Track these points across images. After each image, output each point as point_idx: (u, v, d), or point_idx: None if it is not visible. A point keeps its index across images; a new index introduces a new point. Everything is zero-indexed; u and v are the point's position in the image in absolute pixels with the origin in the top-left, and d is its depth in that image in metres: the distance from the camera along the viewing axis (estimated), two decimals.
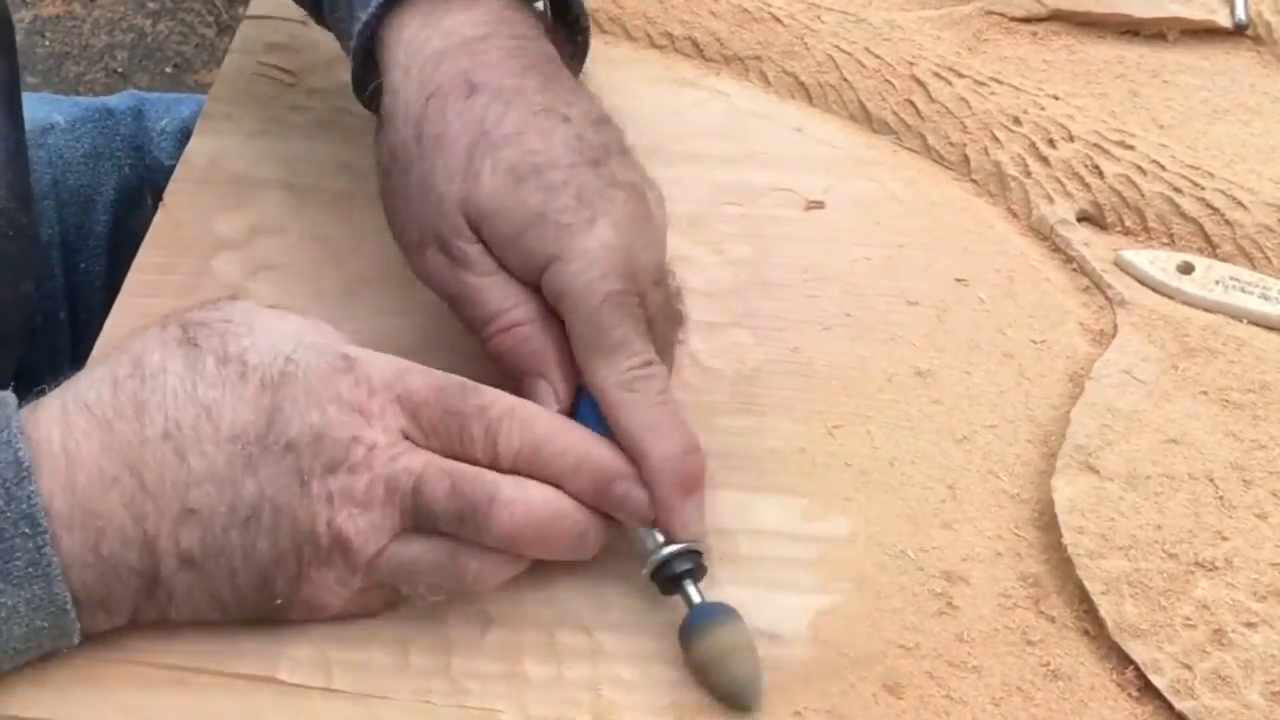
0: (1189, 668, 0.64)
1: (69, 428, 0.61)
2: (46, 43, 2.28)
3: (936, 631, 0.66)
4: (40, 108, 1.02)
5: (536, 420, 0.63)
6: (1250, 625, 0.65)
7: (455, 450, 0.63)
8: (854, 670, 0.64)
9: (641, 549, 0.65)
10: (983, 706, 0.63)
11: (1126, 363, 0.74)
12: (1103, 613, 0.65)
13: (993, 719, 0.63)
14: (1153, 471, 0.70)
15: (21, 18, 2.28)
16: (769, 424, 0.73)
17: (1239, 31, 0.91)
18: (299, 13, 0.90)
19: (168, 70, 2.26)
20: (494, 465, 0.63)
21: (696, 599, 0.64)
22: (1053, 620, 0.66)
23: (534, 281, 0.67)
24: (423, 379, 0.63)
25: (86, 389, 0.62)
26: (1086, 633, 0.66)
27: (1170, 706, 0.63)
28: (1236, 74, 0.89)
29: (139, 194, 1.01)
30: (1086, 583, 0.66)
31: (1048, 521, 0.69)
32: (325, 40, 0.88)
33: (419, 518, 0.62)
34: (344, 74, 0.79)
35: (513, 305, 0.67)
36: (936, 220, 0.82)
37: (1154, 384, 0.73)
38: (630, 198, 0.68)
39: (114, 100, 1.06)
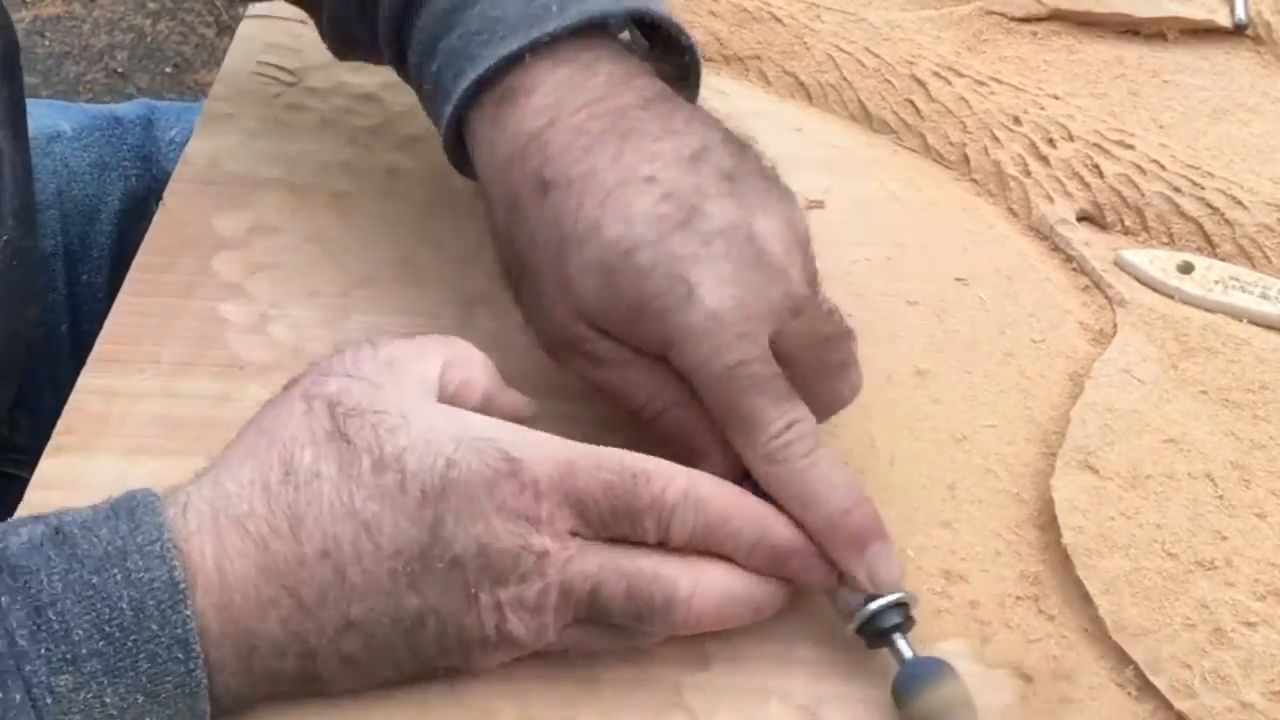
0: (1189, 667, 0.64)
1: (222, 544, 0.58)
2: (46, 43, 2.28)
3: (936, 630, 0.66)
4: (47, 115, 1.02)
5: (710, 503, 0.61)
6: (1250, 625, 0.65)
7: (625, 539, 0.61)
8: (855, 668, 0.64)
9: (844, 607, 0.63)
10: None
11: (1126, 362, 0.74)
12: (1102, 612, 0.65)
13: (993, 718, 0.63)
14: (1152, 471, 0.70)
15: (21, 18, 2.28)
16: None
17: (1239, 31, 0.91)
18: (299, 13, 0.90)
19: (168, 70, 2.26)
20: (665, 546, 0.61)
21: (908, 654, 0.62)
22: (1052, 619, 0.66)
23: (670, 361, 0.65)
24: (592, 475, 0.60)
25: (237, 497, 0.59)
26: (1086, 632, 0.66)
27: (1170, 706, 0.63)
28: (1236, 74, 0.89)
29: (145, 204, 1.00)
30: (1086, 582, 0.66)
31: (1047, 521, 0.69)
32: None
33: (593, 616, 0.61)
34: (344, 74, 0.79)
35: (658, 391, 0.65)
36: (936, 220, 0.82)
37: (1154, 384, 0.73)
38: (730, 245, 0.64)
39: (123, 108, 1.06)
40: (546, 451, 0.60)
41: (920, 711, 0.61)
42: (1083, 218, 0.82)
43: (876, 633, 0.63)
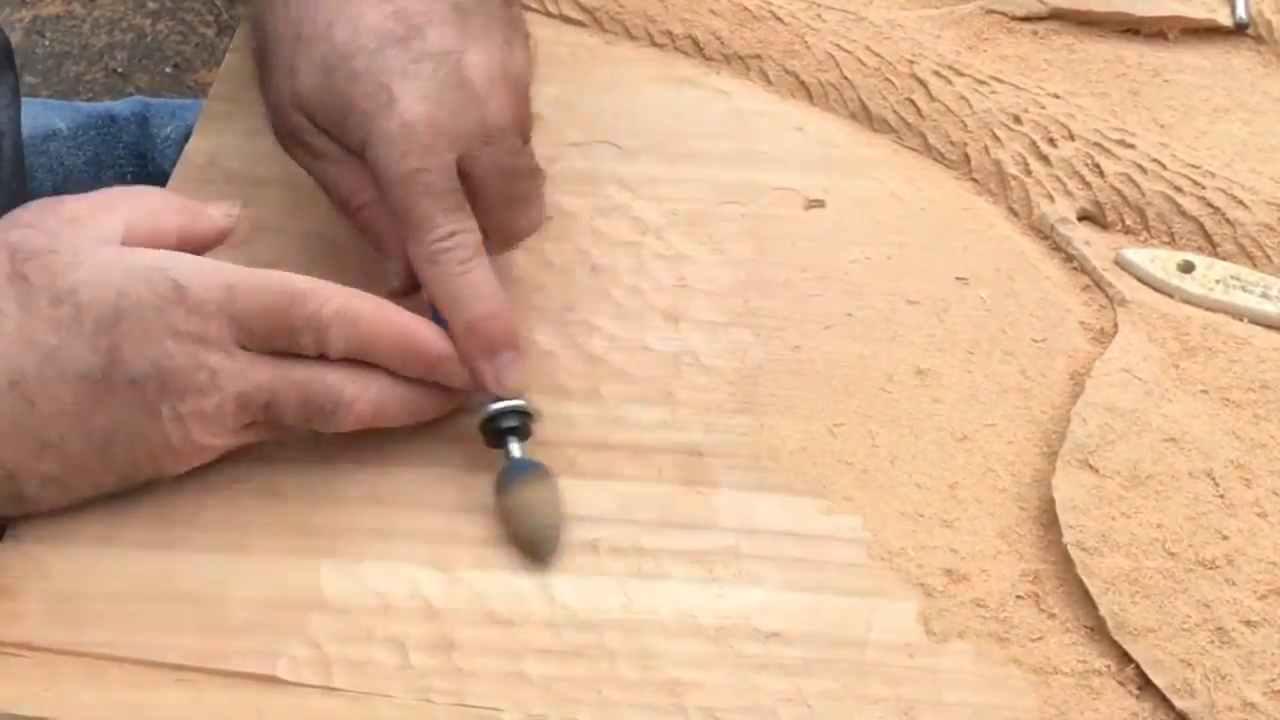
0: (1190, 666, 0.63)
1: None
2: (46, 42, 2.27)
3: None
4: (42, 114, 1.01)
5: (361, 318, 0.67)
6: (1251, 624, 0.65)
7: (288, 354, 0.66)
8: (855, 668, 0.64)
9: (476, 408, 0.69)
10: None
11: (1127, 361, 0.74)
12: (1103, 611, 0.65)
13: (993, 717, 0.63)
14: (1153, 470, 0.70)
15: (21, 18, 2.27)
16: (769, 423, 0.73)
17: (1240, 30, 0.91)
18: None
19: (168, 70, 2.26)
20: (327, 359, 0.67)
21: (516, 454, 0.68)
22: (1053, 618, 0.66)
23: None
24: (252, 297, 0.65)
25: None
26: (1087, 631, 0.66)
27: (1170, 705, 0.63)
28: (1237, 73, 0.89)
29: None
30: (1087, 581, 0.66)
31: (1048, 520, 0.69)
32: None
33: (269, 421, 0.67)
34: None
35: (359, 188, 0.71)
36: (937, 219, 0.82)
37: (1154, 383, 0.73)
38: (438, 67, 0.69)
39: (118, 106, 1.06)
40: (211, 277, 0.65)
41: (510, 504, 0.68)
42: (1083, 217, 0.82)
43: (494, 432, 0.69)
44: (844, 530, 0.69)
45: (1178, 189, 0.81)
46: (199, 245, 0.70)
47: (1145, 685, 0.64)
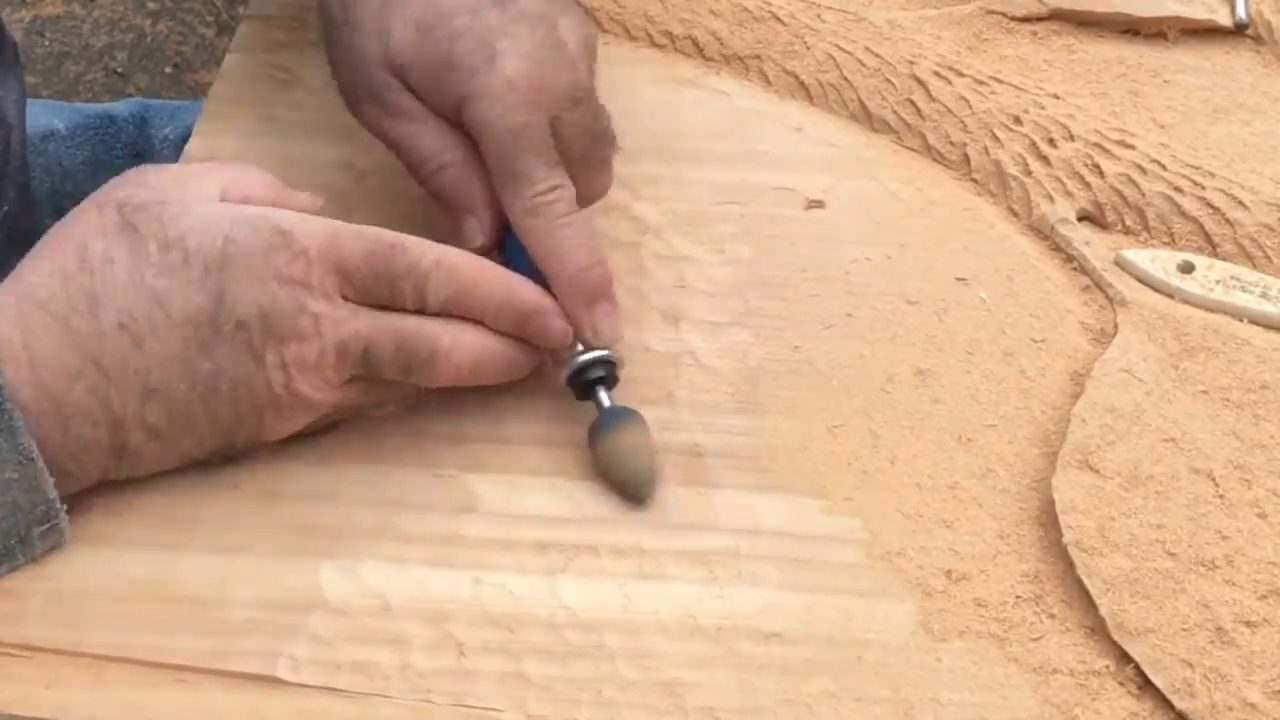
0: (1190, 666, 0.64)
1: (27, 325, 0.64)
2: (46, 43, 2.27)
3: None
4: (41, 114, 1.02)
5: (460, 270, 0.68)
6: (1251, 624, 0.65)
7: (389, 305, 0.67)
8: (855, 668, 0.64)
9: (561, 361, 0.71)
10: None
11: (1127, 362, 0.74)
12: (1103, 611, 0.65)
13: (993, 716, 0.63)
14: (1153, 471, 0.70)
15: (21, 18, 2.28)
16: (769, 423, 0.73)
17: (1239, 31, 0.91)
18: (299, 13, 0.90)
19: (167, 70, 2.26)
20: (424, 312, 0.68)
21: (606, 403, 0.70)
22: (1053, 618, 0.66)
23: (460, 124, 0.72)
24: (354, 244, 0.67)
25: (38, 286, 0.65)
26: (1087, 631, 0.66)
27: (1170, 705, 0.63)
28: (1237, 73, 0.89)
29: None
30: (1086, 581, 0.66)
31: (1048, 520, 0.69)
32: None
33: (367, 371, 0.68)
34: None
35: (443, 148, 0.73)
36: (936, 220, 0.82)
37: (1154, 383, 0.73)
38: (535, 29, 0.72)
39: (117, 107, 1.06)
40: (314, 225, 0.67)
41: (605, 450, 0.70)
42: (1083, 217, 0.82)
43: (583, 383, 0.70)
44: (844, 530, 0.69)
45: (1178, 189, 0.81)
46: None
47: (1145, 685, 0.64)
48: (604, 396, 0.70)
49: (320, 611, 0.66)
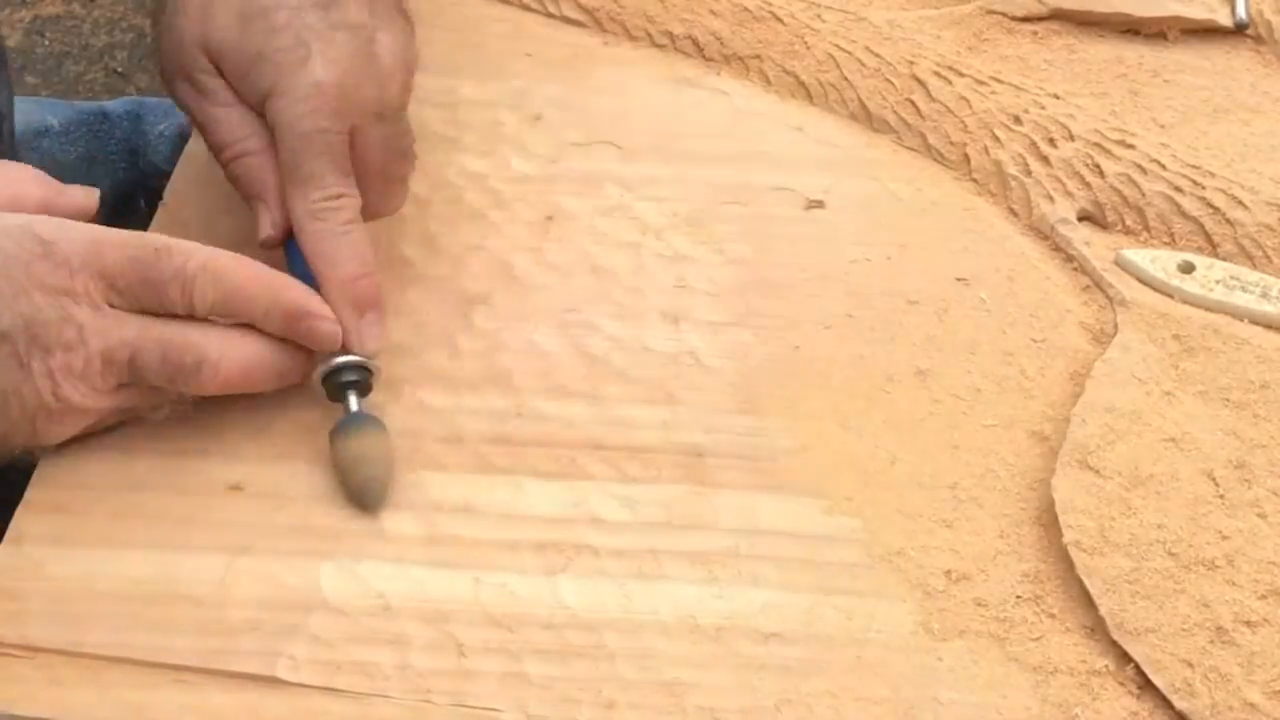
0: (1190, 666, 0.63)
1: None
2: (46, 43, 2.27)
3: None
4: (35, 111, 1.02)
5: (227, 273, 0.68)
6: (1251, 624, 0.65)
7: (156, 311, 0.67)
8: (855, 668, 0.64)
9: (320, 361, 0.71)
10: None
11: (1127, 362, 0.74)
12: (1103, 611, 0.65)
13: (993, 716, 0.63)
14: (1153, 470, 0.70)
15: (21, 17, 2.27)
16: (770, 423, 0.73)
17: (1239, 31, 0.91)
18: None
19: None
20: (193, 317, 0.68)
21: (354, 408, 0.70)
22: (1053, 618, 0.66)
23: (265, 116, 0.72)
24: (118, 251, 0.66)
25: None
26: (1087, 631, 0.66)
27: (1170, 705, 0.63)
28: (1237, 73, 0.89)
29: (132, 198, 1.00)
30: (1086, 581, 0.66)
31: (1048, 520, 0.69)
32: None
33: (134, 379, 0.68)
34: None
35: (244, 136, 0.73)
36: (937, 220, 0.82)
37: (1154, 383, 0.73)
38: (353, 38, 0.72)
39: (111, 105, 1.06)
40: (77, 233, 0.66)
41: (339, 453, 0.69)
42: (1083, 217, 0.82)
43: (336, 385, 0.71)
44: (844, 530, 0.69)
45: (1178, 189, 0.81)
46: (61, 216, 0.70)
47: (1145, 685, 0.64)
48: (353, 400, 0.70)
49: (320, 611, 0.66)
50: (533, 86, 0.87)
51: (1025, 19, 0.92)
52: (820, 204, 0.83)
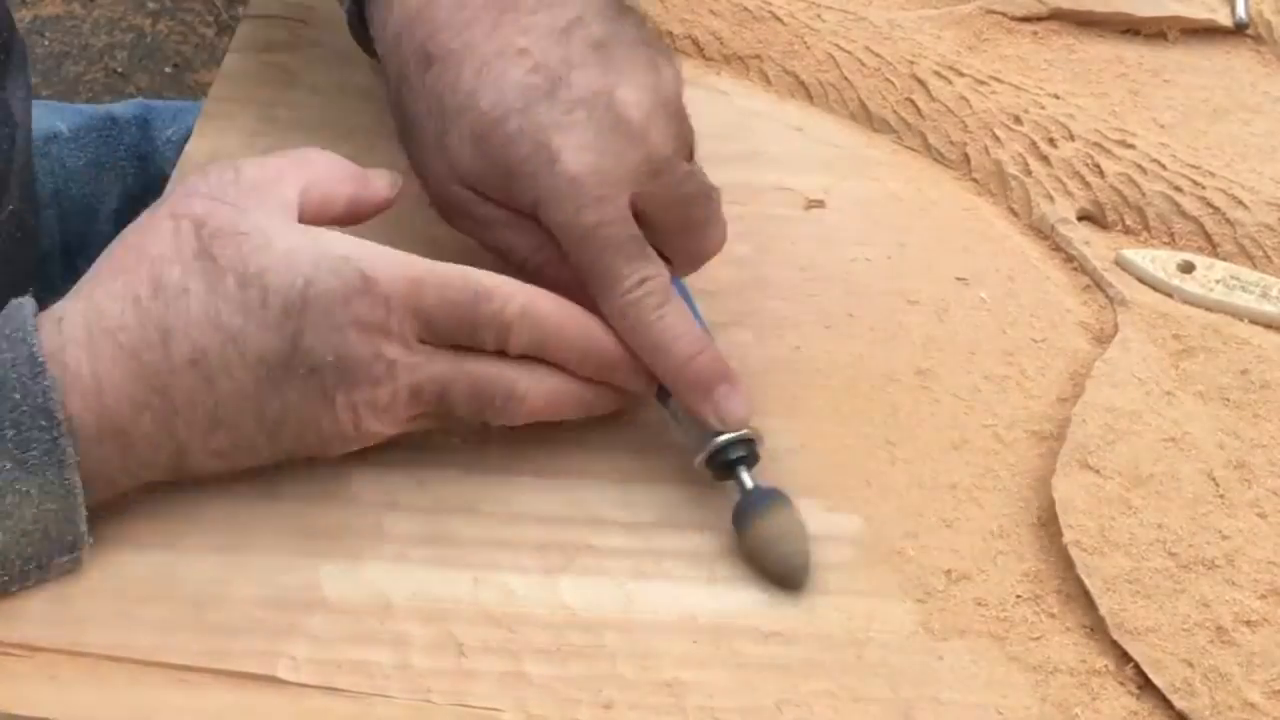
0: (1190, 666, 0.63)
1: (96, 354, 0.64)
2: (46, 43, 2.27)
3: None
4: (44, 116, 1.02)
5: (545, 319, 0.67)
6: (1251, 624, 0.65)
7: (467, 346, 0.66)
8: (854, 667, 0.64)
9: (696, 442, 0.68)
10: None
11: (1127, 362, 0.74)
12: (1103, 611, 0.65)
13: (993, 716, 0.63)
14: (1153, 470, 0.70)
15: (21, 17, 2.27)
16: (770, 423, 0.73)
17: (1239, 31, 0.91)
18: (299, 12, 0.90)
19: (167, 70, 2.26)
20: (505, 355, 0.67)
21: (749, 485, 0.67)
22: (1053, 618, 0.66)
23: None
24: (437, 294, 0.65)
25: (108, 309, 0.64)
26: (1087, 630, 0.66)
27: (1170, 705, 0.63)
28: (1237, 73, 0.89)
29: (142, 203, 1.00)
30: (1087, 581, 0.66)
31: (1048, 520, 0.69)
32: (325, 39, 0.88)
33: (440, 412, 0.67)
34: (344, 74, 0.79)
35: (534, 249, 0.70)
36: (936, 219, 0.82)
37: (1154, 383, 0.73)
38: (591, 113, 0.68)
39: (120, 108, 1.06)
40: (399, 270, 0.65)
41: (755, 536, 0.67)
42: (1083, 217, 0.82)
43: (722, 465, 0.68)
44: (844, 530, 0.69)
45: (1178, 189, 0.81)
46: (367, 211, 0.71)
47: (1145, 685, 0.64)
48: (746, 478, 0.68)
49: (320, 611, 0.66)
50: None
51: (1025, 19, 0.92)
52: (820, 203, 0.83)
